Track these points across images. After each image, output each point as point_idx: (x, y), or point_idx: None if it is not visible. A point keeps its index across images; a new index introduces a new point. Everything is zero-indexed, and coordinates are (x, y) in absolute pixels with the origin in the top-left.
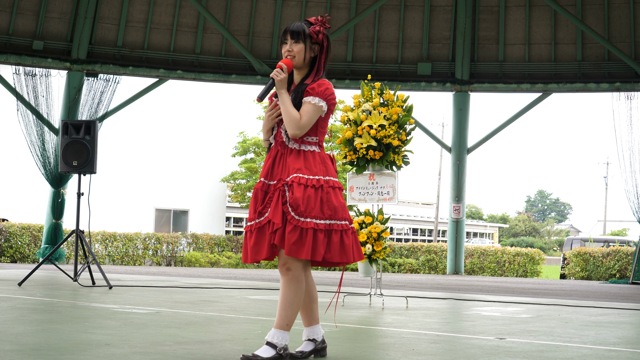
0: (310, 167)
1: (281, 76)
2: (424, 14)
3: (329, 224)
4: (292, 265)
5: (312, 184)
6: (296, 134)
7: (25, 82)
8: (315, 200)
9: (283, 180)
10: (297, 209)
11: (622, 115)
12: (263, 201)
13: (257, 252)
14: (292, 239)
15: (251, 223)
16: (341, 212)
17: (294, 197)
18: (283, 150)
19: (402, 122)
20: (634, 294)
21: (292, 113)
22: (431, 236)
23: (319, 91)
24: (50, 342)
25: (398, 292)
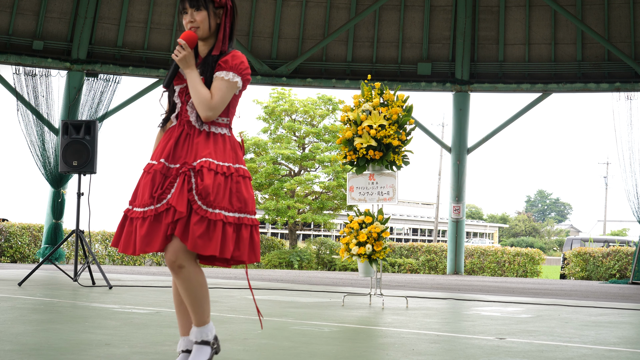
0: (220, 152)
1: (182, 54)
2: (424, 14)
3: (239, 218)
4: (185, 262)
5: (222, 171)
6: (209, 116)
7: (25, 82)
8: (225, 190)
9: (189, 165)
10: (206, 197)
11: (622, 115)
12: (162, 185)
13: (148, 242)
14: (197, 232)
15: (144, 209)
16: (251, 205)
17: (203, 184)
18: (189, 130)
19: (402, 122)
20: (634, 294)
21: (201, 92)
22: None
23: (232, 65)
24: (50, 342)
25: (398, 292)
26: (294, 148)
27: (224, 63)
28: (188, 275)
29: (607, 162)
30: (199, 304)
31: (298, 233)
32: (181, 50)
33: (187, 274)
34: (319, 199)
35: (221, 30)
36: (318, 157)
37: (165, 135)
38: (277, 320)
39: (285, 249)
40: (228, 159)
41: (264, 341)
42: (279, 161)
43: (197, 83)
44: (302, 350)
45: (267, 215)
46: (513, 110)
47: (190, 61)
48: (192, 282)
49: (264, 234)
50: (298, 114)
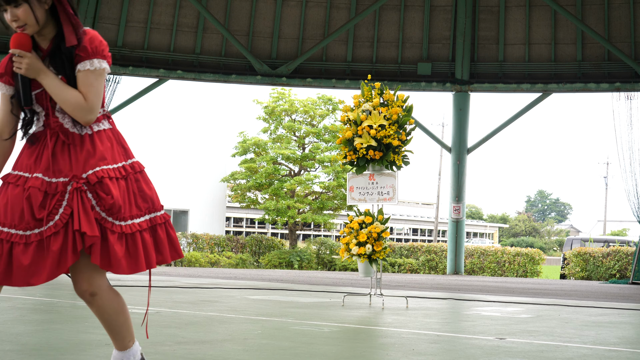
0: (109, 153)
1: (24, 63)
2: (424, 14)
3: (151, 219)
4: (97, 288)
5: (120, 175)
6: (91, 119)
7: None
8: (129, 194)
9: (79, 177)
10: (118, 211)
11: (622, 115)
12: (44, 204)
13: (34, 273)
14: (120, 252)
15: (27, 233)
16: (157, 201)
17: (114, 199)
18: (66, 137)
19: (402, 122)
20: (634, 294)
21: (70, 97)
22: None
23: (92, 49)
24: (50, 342)
25: (398, 292)
26: (294, 148)
27: (83, 51)
28: (102, 303)
29: (607, 162)
30: (118, 330)
31: (298, 233)
32: (21, 60)
33: (101, 301)
34: (319, 199)
35: (62, 15)
36: (318, 157)
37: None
38: (277, 320)
39: (285, 249)
40: (119, 158)
41: (264, 341)
42: (279, 161)
43: (59, 88)
44: (302, 350)
45: (267, 215)
46: (513, 110)
47: (38, 66)
48: (107, 309)
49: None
50: (298, 114)
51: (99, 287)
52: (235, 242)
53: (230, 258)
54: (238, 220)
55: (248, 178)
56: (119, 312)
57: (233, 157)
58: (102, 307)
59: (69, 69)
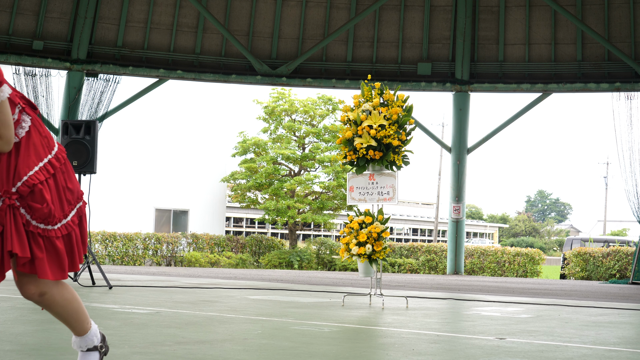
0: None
1: None
2: (424, 14)
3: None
4: (44, 287)
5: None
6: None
7: (25, 82)
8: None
9: (9, 192)
10: (53, 218)
11: (622, 115)
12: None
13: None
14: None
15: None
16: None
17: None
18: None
19: (402, 122)
20: (634, 294)
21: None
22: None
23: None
24: (50, 342)
25: (398, 292)
26: (294, 148)
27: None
28: (53, 298)
29: (607, 162)
30: (75, 317)
31: (298, 233)
32: None
33: (52, 297)
34: (319, 199)
35: None
36: (318, 157)
37: None
38: (277, 320)
39: (285, 249)
40: (43, 152)
41: (264, 341)
42: (279, 161)
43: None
44: (302, 350)
45: (267, 215)
46: (513, 110)
47: None
48: (59, 302)
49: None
50: (298, 114)
51: (45, 285)
52: (235, 242)
53: (230, 258)
54: (238, 220)
55: (248, 178)
56: (71, 300)
57: (233, 157)
58: (54, 302)
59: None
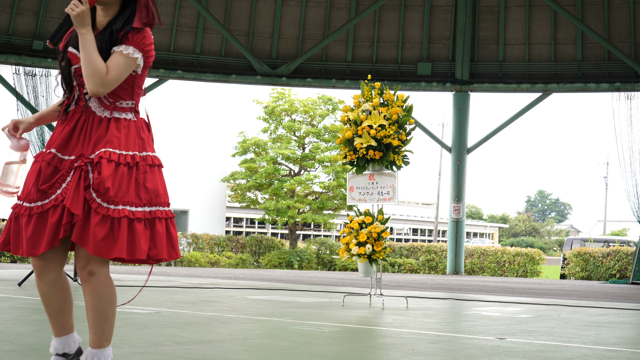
0: (124, 140)
1: (78, 9)
2: (424, 14)
3: (150, 212)
4: (97, 268)
5: (125, 161)
6: (98, 92)
7: (25, 82)
8: (129, 182)
9: (86, 157)
10: (105, 193)
11: (622, 115)
12: (50, 178)
13: (34, 244)
14: (100, 234)
15: (31, 205)
16: (163, 196)
17: (101, 177)
18: (87, 117)
19: (402, 122)
20: (634, 294)
21: (97, 63)
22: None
23: (134, 39)
24: (50, 342)
25: (398, 292)
26: (294, 148)
27: (125, 39)
28: (97, 285)
29: (607, 162)
30: (101, 321)
31: (298, 233)
32: (78, 4)
33: (97, 283)
34: (319, 199)
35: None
36: (318, 157)
37: (60, 122)
38: (277, 320)
39: (285, 249)
40: (132, 147)
41: (264, 341)
42: (279, 161)
43: (92, 49)
44: (302, 350)
45: (267, 215)
46: (513, 110)
47: (87, 20)
48: (101, 294)
49: (264, 234)
50: (298, 114)
51: (98, 269)
52: (235, 242)
53: (230, 258)
54: (238, 220)
55: (248, 178)
56: (110, 301)
57: (233, 157)
58: (97, 290)
59: (107, 45)
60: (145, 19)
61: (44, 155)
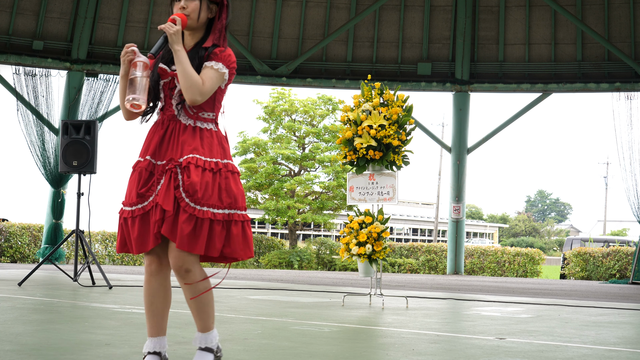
0: (207, 147)
1: (174, 28)
2: (424, 14)
3: (229, 214)
4: (191, 266)
5: (210, 167)
6: (196, 101)
7: (25, 82)
8: (214, 186)
9: (175, 161)
10: (193, 195)
11: (622, 115)
12: (147, 183)
13: (142, 243)
14: (185, 230)
15: (132, 208)
16: (241, 201)
17: (190, 180)
18: (174, 125)
19: (402, 122)
20: (634, 294)
21: (193, 76)
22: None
23: (221, 56)
24: (50, 342)
25: (398, 292)
26: (294, 148)
27: (214, 55)
28: (194, 279)
29: (607, 162)
30: (205, 309)
31: (298, 233)
32: (173, 25)
33: (194, 277)
34: (319, 199)
35: (217, 24)
36: (318, 157)
37: (150, 131)
38: (277, 320)
39: (285, 249)
40: (216, 155)
41: (264, 341)
42: (279, 161)
43: (188, 63)
44: (302, 350)
45: (267, 215)
46: (513, 110)
47: (180, 38)
48: (199, 287)
49: (264, 234)
50: (298, 114)
51: (192, 266)
52: None
53: None
54: None
55: (248, 178)
56: (206, 295)
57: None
58: (195, 284)
59: (197, 65)
60: (217, 41)
61: (141, 163)
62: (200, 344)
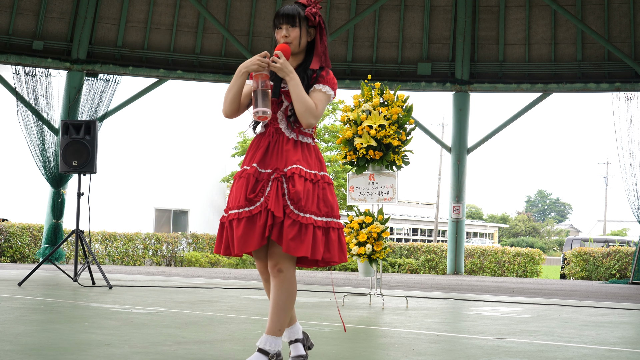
0: (307, 159)
1: (278, 63)
2: (424, 14)
3: (326, 222)
4: (285, 266)
5: (310, 178)
6: (311, 124)
7: (25, 82)
8: (313, 196)
9: (280, 171)
10: (297, 202)
11: (622, 115)
12: (255, 188)
13: (245, 242)
14: (290, 234)
15: (239, 211)
16: (336, 210)
17: (295, 189)
18: (278, 137)
19: (402, 122)
20: (634, 294)
21: (308, 100)
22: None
23: (327, 79)
24: (50, 342)
25: (398, 292)
26: None
27: (321, 78)
28: (283, 280)
29: (607, 162)
30: (279, 311)
31: None
32: (277, 59)
33: (284, 278)
34: None
35: (319, 46)
36: None
37: (254, 142)
38: None
39: None
40: (314, 167)
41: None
42: None
43: (302, 90)
44: None
45: None
46: (513, 110)
47: (289, 68)
48: (285, 288)
49: None
50: None
51: (286, 268)
52: None
53: (230, 258)
54: None
55: None
56: (290, 296)
57: (233, 157)
58: (282, 285)
59: (305, 86)
60: (323, 63)
61: (247, 170)
62: (259, 344)
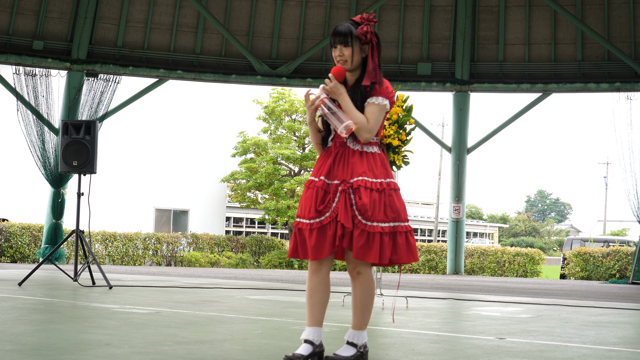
0: (373, 169)
1: (330, 86)
2: (424, 14)
3: (393, 227)
4: (362, 269)
5: (376, 187)
6: (367, 138)
7: (25, 82)
8: (380, 204)
9: (347, 182)
10: (364, 213)
11: (622, 115)
12: (324, 200)
13: (318, 251)
14: (359, 243)
15: (310, 221)
16: (403, 214)
17: (362, 202)
18: (344, 150)
19: (402, 122)
20: (634, 294)
21: (359, 117)
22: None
23: (380, 90)
24: (50, 342)
25: (398, 292)
26: (294, 148)
27: (374, 91)
28: (363, 281)
29: (607, 162)
30: (363, 308)
31: None
32: (329, 82)
33: (363, 279)
34: None
35: (370, 63)
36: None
37: (322, 155)
38: (277, 320)
39: (285, 249)
40: (380, 175)
41: (264, 341)
42: (279, 161)
43: (352, 109)
44: None
45: (267, 215)
46: (513, 110)
47: (340, 90)
48: (365, 287)
49: (264, 234)
50: (298, 114)
51: (364, 270)
52: (235, 242)
53: (230, 258)
54: (238, 220)
55: (248, 178)
56: (370, 294)
57: (233, 157)
58: (362, 285)
59: (360, 101)
60: (374, 79)
61: (315, 182)
62: (348, 338)
